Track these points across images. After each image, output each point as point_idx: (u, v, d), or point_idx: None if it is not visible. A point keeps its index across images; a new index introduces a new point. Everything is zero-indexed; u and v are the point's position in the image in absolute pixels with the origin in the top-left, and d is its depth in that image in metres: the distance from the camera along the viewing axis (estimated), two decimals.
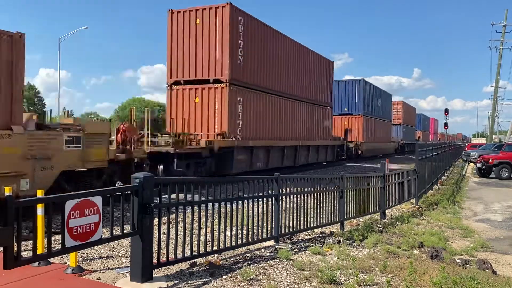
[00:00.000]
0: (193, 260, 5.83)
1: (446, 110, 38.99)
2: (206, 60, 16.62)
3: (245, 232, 6.60)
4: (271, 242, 7.26)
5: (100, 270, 5.61)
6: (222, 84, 16.43)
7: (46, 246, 4.50)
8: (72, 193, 4.40)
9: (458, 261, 7.25)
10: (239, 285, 5.13)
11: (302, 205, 7.83)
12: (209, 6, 16.50)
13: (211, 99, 16.56)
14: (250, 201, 6.80)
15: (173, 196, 5.99)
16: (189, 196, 5.75)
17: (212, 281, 5.26)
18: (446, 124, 40.70)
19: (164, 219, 7.61)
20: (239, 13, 16.91)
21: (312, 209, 8.07)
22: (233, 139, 16.53)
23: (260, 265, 5.99)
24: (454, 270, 6.18)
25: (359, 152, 34.00)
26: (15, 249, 3.80)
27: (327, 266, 5.96)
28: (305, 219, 7.89)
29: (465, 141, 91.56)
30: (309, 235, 8.54)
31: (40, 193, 5.33)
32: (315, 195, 8.24)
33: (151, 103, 67.88)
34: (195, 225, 5.73)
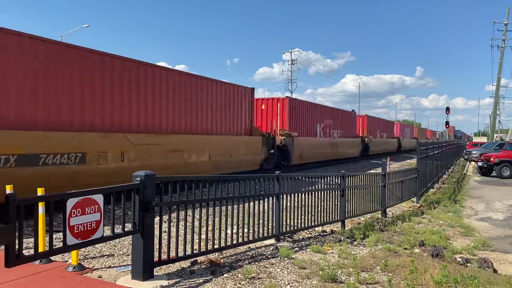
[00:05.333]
0: (194, 258, 5.84)
1: (448, 109, 38.93)
2: None
3: (246, 230, 6.60)
4: (272, 241, 7.27)
5: (102, 268, 5.62)
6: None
7: (47, 244, 4.51)
8: (73, 191, 4.40)
9: (459, 259, 7.25)
10: (240, 283, 5.14)
11: (303, 204, 7.83)
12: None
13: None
14: (251, 199, 6.80)
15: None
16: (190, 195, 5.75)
17: (213, 279, 5.26)
18: (447, 123, 40.66)
19: (165, 217, 7.64)
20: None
21: (313, 208, 8.07)
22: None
23: (261, 264, 5.99)
24: (455, 269, 6.18)
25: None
26: (17, 247, 3.80)
27: (328, 264, 5.96)
28: (306, 217, 7.89)
29: (458, 139, 77.04)
30: (310, 233, 8.55)
31: (40, 192, 5.33)
32: (316, 193, 8.24)
33: None
34: (196, 223, 5.74)
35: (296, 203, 7.66)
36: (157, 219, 5.26)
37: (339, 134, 30.51)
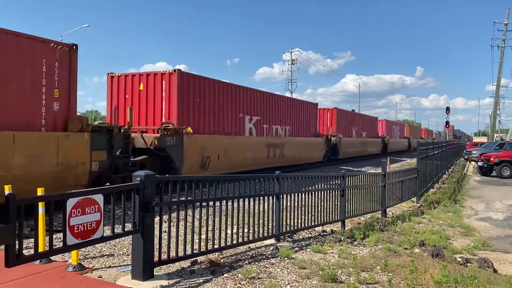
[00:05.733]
0: (194, 258, 5.84)
1: (448, 109, 38.95)
2: None
3: (246, 230, 6.60)
4: (272, 241, 7.26)
5: (102, 268, 5.62)
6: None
7: (47, 244, 4.51)
8: (73, 191, 4.40)
9: (459, 259, 7.25)
10: (240, 283, 5.14)
11: (303, 204, 7.83)
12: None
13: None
14: (251, 199, 6.80)
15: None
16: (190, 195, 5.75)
17: (213, 279, 5.26)
18: (447, 123, 40.68)
19: (165, 217, 7.64)
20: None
21: (313, 208, 8.07)
22: None
23: (261, 263, 5.99)
24: (455, 269, 6.18)
25: None
26: (17, 247, 3.80)
27: (328, 264, 5.96)
28: (306, 217, 7.89)
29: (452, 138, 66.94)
30: (310, 233, 8.54)
31: (40, 191, 5.33)
32: (316, 193, 8.23)
33: None
34: (196, 223, 5.73)
35: (296, 203, 7.66)
36: (157, 219, 5.25)
37: (289, 132, 22.18)
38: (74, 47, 10.26)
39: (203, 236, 5.88)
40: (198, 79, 15.04)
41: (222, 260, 6.03)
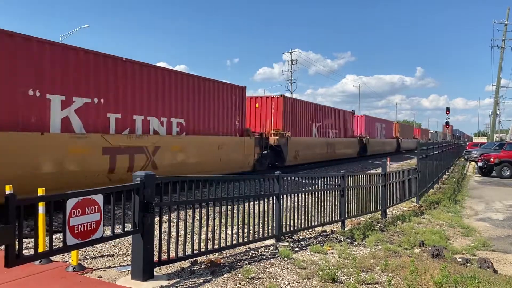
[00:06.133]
0: (194, 259, 5.84)
1: (448, 109, 38.98)
2: None
3: (246, 230, 6.60)
4: (272, 241, 7.26)
5: (102, 268, 5.62)
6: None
7: (47, 244, 4.51)
8: (73, 191, 4.40)
9: (459, 260, 7.25)
10: (240, 284, 5.14)
11: (303, 204, 7.83)
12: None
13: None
14: (251, 199, 6.80)
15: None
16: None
17: (213, 279, 5.26)
18: (447, 123, 40.69)
19: (165, 217, 7.63)
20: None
21: (313, 208, 8.07)
22: None
23: (261, 264, 5.99)
24: (455, 269, 6.18)
25: None
26: (17, 247, 3.80)
27: (328, 264, 5.96)
28: (306, 217, 7.89)
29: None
30: (310, 233, 8.54)
31: (40, 192, 5.33)
32: (316, 193, 8.23)
33: None
34: (196, 223, 5.73)
35: (296, 203, 7.66)
36: (157, 219, 5.25)
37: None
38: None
39: (203, 236, 5.88)
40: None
41: (222, 260, 6.03)
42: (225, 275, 5.43)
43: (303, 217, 7.80)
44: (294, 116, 22.71)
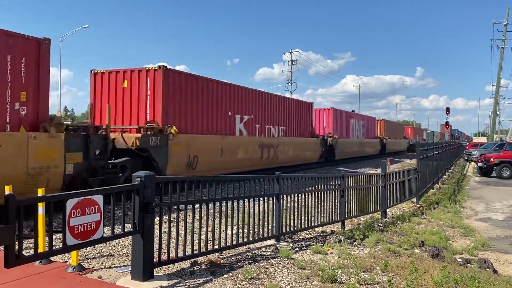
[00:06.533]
0: (194, 259, 5.84)
1: (448, 109, 38.96)
2: None
3: (246, 231, 6.60)
4: (272, 241, 7.26)
5: (101, 268, 5.61)
6: None
7: (47, 245, 4.51)
8: (73, 191, 4.40)
9: (459, 260, 7.24)
10: (240, 284, 5.14)
11: (303, 204, 7.83)
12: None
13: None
14: (251, 200, 6.80)
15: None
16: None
17: (213, 279, 5.26)
18: (447, 123, 40.69)
19: (165, 217, 7.63)
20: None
21: (313, 208, 8.07)
22: None
23: (261, 264, 5.99)
24: (455, 269, 6.18)
25: None
26: (16, 247, 3.80)
27: (328, 265, 5.96)
28: (306, 218, 7.89)
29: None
30: (310, 234, 8.54)
31: (40, 192, 5.33)
32: (316, 194, 8.23)
33: None
34: (196, 224, 5.73)
35: (296, 204, 7.66)
36: (157, 219, 5.25)
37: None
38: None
39: (203, 237, 5.88)
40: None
41: (222, 261, 6.02)
42: (225, 276, 5.42)
43: (303, 217, 7.80)
44: (192, 102, 14.46)
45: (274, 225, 7.20)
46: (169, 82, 13.23)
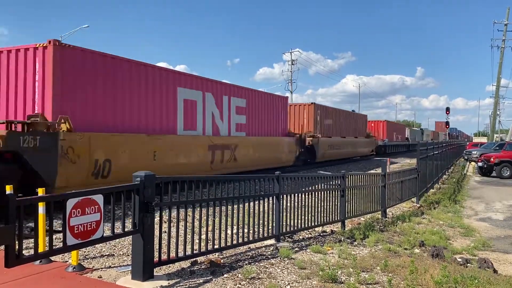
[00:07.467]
0: (194, 259, 5.84)
1: (448, 109, 38.99)
2: None
3: (246, 230, 6.60)
4: (272, 241, 7.26)
5: (102, 268, 5.62)
6: None
7: (47, 245, 4.51)
8: (73, 191, 4.40)
9: (459, 260, 7.24)
10: (240, 284, 5.14)
11: (303, 204, 7.83)
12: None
13: None
14: (251, 199, 6.80)
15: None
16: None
17: (213, 279, 5.26)
18: (447, 123, 40.71)
19: (165, 217, 7.63)
20: None
21: (313, 208, 8.07)
22: None
23: (261, 264, 5.99)
24: (455, 269, 6.18)
25: None
26: (17, 247, 3.80)
27: (328, 264, 5.96)
28: (306, 217, 7.89)
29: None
30: (310, 234, 8.54)
31: (41, 192, 5.33)
32: (316, 193, 8.23)
33: None
34: (196, 223, 5.73)
35: (296, 203, 7.66)
36: (157, 219, 5.26)
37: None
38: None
39: (203, 236, 5.88)
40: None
41: (222, 261, 6.03)
42: (225, 275, 5.43)
43: (303, 217, 7.80)
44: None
45: (274, 225, 7.20)
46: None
